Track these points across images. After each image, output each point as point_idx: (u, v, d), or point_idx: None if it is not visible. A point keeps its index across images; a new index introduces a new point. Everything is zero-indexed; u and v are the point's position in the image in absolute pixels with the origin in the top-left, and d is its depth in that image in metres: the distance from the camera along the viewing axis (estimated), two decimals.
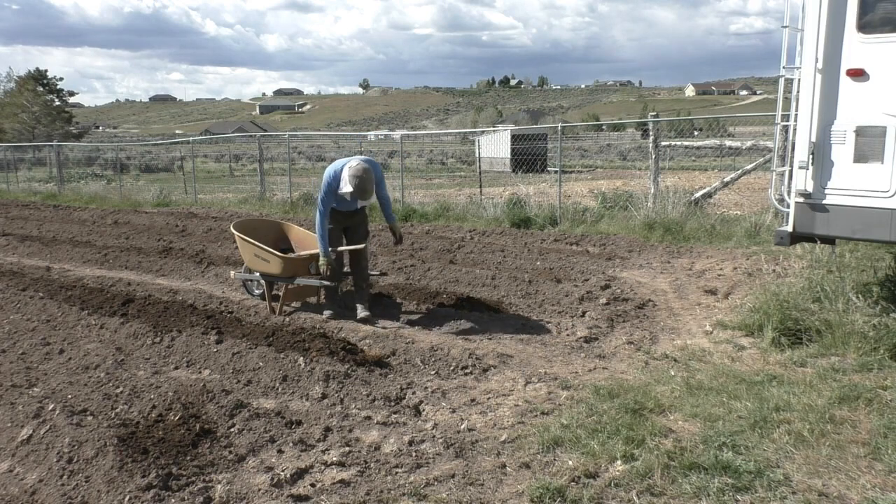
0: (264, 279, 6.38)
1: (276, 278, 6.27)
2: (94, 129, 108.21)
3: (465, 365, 4.84)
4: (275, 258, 6.16)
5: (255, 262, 6.36)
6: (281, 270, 6.16)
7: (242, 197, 17.15)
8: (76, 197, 19.41)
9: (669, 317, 6.02)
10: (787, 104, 5.52)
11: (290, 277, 6.15)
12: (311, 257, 6.27)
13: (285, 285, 6.22)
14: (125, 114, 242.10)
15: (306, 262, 6.27)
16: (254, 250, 6.29)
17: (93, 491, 3.25)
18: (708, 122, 28.30)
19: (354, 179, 5.68)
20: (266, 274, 6.33)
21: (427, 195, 15.58)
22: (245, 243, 6.39)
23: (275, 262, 6.16)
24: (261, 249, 6.23)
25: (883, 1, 4.76)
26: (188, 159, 24.45)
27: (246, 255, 6.46)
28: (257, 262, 6.31)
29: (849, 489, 3.05)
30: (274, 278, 6.29)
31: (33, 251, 10.48)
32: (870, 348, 4.72)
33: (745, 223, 9.38)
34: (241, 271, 6.85)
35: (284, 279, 6.18)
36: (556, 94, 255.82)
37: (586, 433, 3.62)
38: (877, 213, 4.82)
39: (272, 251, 6.23)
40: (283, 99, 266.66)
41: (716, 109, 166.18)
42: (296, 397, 4.36)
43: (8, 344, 5.70)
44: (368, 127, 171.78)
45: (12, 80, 53.81)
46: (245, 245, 6.41)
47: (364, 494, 3.18)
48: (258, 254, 6.26)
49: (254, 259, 6.34)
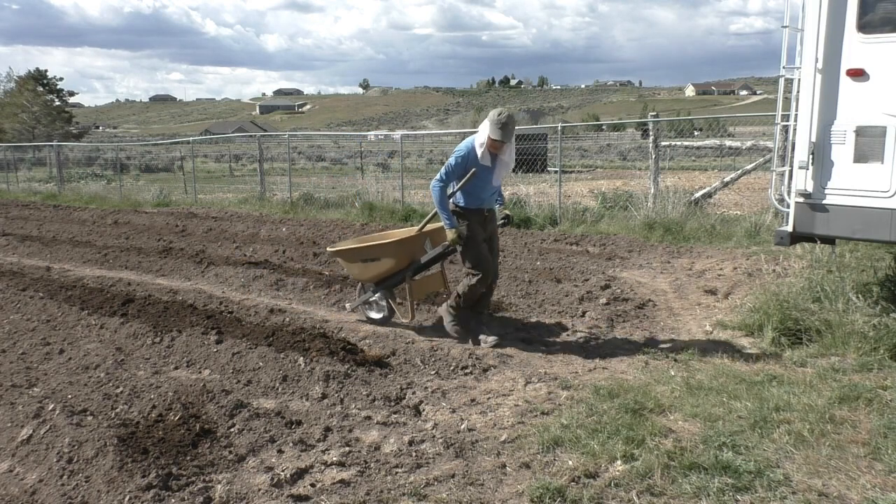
0: (384, 287, 5.72)
1: (395, 276, 5.63)
2: (94, 129, 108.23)
3: (465, 365, 4.84)
4: (384, 246, 5.56)
5: (365, 271, 5.68)
6: (396, 257, 5.51)
7: (242, 197, 17.15)
8: (76, 197, 19.41)
9: (669, 317, 6.02)
10: (787, 104, 5.52)
11: (410, 264, 5.55)
12: (422, 233, 5.61)
13: (408, 280, 5.61)
14: (125, 114, 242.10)
15: (419, 239, 5.59)
16: (360, 255, 5.64)
17: (93, 491, 3.25)
18: (708, 122, 28.30)
19: (500, 115, 4.97)
20: (384, 277, 5.67)
21: (427, 195, 15.55)
22: (348, 254, 5.72)
23: (387, 253, 5.54)
24: (366, 248, 5.63)
25: (883, 1, 4.76)
26: (188, 159, 24.45)
27: (354, 269, 5.77)
28: (368, 269, 5.65)
29: (849, 489, 3.05)
30: (393, 277, 5.65)
31: (33, 251, 10.48)
32: (870, 348, 4.72)
33: (745, 223, 9.38)
34: (354, 299, 6.12)
35: (404, 270, 5.57)
36: (556, 94, 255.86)
37: (586, 433, 3.62)
38: (877, 213, 4.82)
39: (378, 240, 5.71)
40: (283, 99, 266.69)
41: (716, 109, 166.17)
42: (296, 397, 4.36)
43: (8, 344, 5.70)
44: (368, 127, 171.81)
45: (12, 80, 53.89)
46: (348, 257, 5.73)
47: (364, 494, 3.18)
48: (365, 256, 5.61)
49: (363, 269, 5.67)
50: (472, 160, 5.09)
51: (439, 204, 5.15)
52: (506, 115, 4.97)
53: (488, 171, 5.14)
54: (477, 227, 5.25)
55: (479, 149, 5.07)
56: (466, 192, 5.21)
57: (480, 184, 5.17)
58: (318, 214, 13.62)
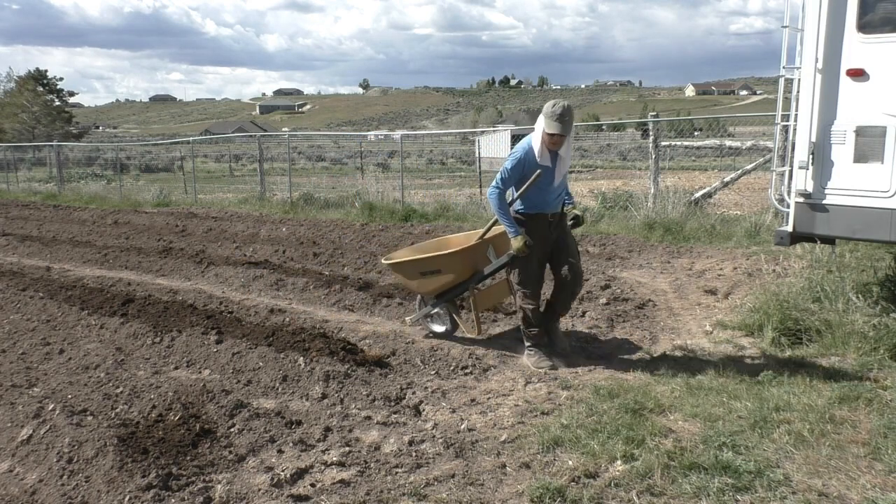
0: (446, 299, 5.30)
1: (457, 288, 5.21)
2: (94, 129, 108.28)
3: (465, 365, 4.84)
4: (445, 259, 5.12)
5: (425, 284, 5.27)
6: (459, 268, 5.09)
7: (242, 197, 17.15)
8: (76, 197, 19.41)
9: (669, 317, 6.02)
10: (787, 104, 5.51)
11: (473, 275, 5.12)
12: (484, 241, 5.14)
13: (472, 291, 5.19)
14: (125, 114, 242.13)
15: (481, 247, 5.12)
16: (418, 267, 5.23)
17: (93, 491, 3.25)
18: (708, 122, 28.29)
19: (555, 107, 4.53)
20: (445, 290, 5.25)
21: (427, 195, 15.58)
22: (406, 267, 5.34)
23: (448, 265, 5.10)
24: (426, 260, 5.20)
25: (883, 1, 4.76)
26: (188, 159, 24.46)
27: (413, 282, 5.37)
28: (428, 282, 5.23)
29: (849, 489, 3.05)
30: (455, 289, 5.22)
31: (33, 251, 10.49)
32: (870, 348, 4.72)
33: (745, 223, 9.37)
34: (415, 314, 5.64)
35: (468, 281, 5.15)
36: (556, 95, 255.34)
37: (586, 433, 3.62)
38: (877, 213, 4.81)
39: (437, 252, 5.28)
40: (283, 99, 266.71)
41: (716, 109, 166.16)
42: (296, 397, 4.36)
43: (8, 344, 5.70)
44: (368, 127, 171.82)
45: (12, 80, 53.95)
46: (406, 270, 5.34)
47: (364, 494, 3.18)
48: (424, 269, 5.19)
49: (423, 282, 5.27)
50: (529, 162, 4.65)
51: (499, 211, 4.73)
52: (561, 106, 4.53)
53: (548, 171, 4.70)
54: (536, 236, 4.77)
55: (536, 147, 4.63)
56: (525, 195, 4.77)
57: (539, 186, 4.71)
58: (318, 214, 13.62)
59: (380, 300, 6.58)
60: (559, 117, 4.49)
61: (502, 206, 4.73)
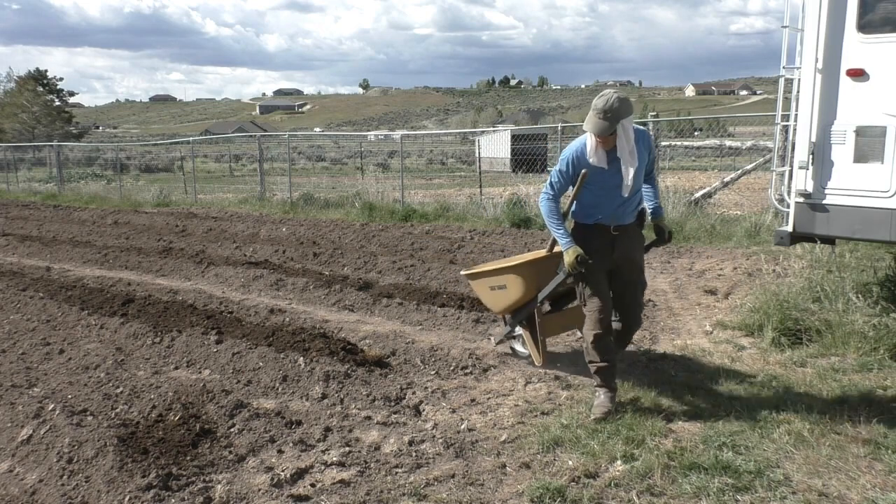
0: (518, 319, 4.75)
1: (526, 307, 4.64)
2: (94, 129, 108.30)
3: (465, 365, 4.84)
4: (508, 271, 4.64)
5: (495, 300, 4.79)
6: (522, 285, 4.56)
7: (242, 197, 17.16)
8: (76, 197, 19.41)
9: (669, 317, 6.02)
10: (787, 104, 5.51)
11: (539, 289, 4.53)
12: (553, 255, 4.54)
13: (536, 313, 4.60)
14: (125, 114, 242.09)
15: (549, 262, 4.52)
16: (487, 281, 4.76)
17: (93, 491, 3.25)
18: (708, 123, 28.29)
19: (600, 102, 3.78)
20: (515, 307, 4.71)
21: (427, 195, 15.59)
22: (477, 279, 4.85)
23: (512, 280, 4.60)
24: (492, 272, 4.75)
25: (883, 1, 4.76)
26: (188, 159, 24.45)
27: (485, 298, 4.88)
28: (497, 298, 4.75)
29: (849, 489, 3.05)
30: (524, 309, 4.66)
31: (33, 251, 10.49)
32: (870, 348, 4.73)
33: (745, 223, 9.38)
34: (499, 334, 5.13)
35: (533, 301, 4.59)
36: (556, 94, 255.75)
37: (586, 433, 3.62)
38: (877, 213, 4.81)
39: (501, 264, 4.86)
40: (283, 99, 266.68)
41: (716, 109, 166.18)
42: (296, 397, 4.36)
43: (8, 344, 5.70)
44: (368, 127, 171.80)
45: (12, 80, 53.98)
46: (478, 283, 4.86)
47: (364, 494, 3.18)
48: (493, 283, 4.71)
49: (493, 298, 4.79)
50: (580, 163, 3.95)
51: (547, 219, 4.08)
52: (605, 100, 3.77)
53: (603, 173, 3.91)
54: (591, 250, 3.98)
55: (589, 145, 3.89)
56: (581, 202, 4.08)
57: (596, 190, 3.96)
58: (318, 214, 13.63)
59: (380, 300, 6.58)
60: (601, 113, 3.74)
61: (551, 213, 4.05)
